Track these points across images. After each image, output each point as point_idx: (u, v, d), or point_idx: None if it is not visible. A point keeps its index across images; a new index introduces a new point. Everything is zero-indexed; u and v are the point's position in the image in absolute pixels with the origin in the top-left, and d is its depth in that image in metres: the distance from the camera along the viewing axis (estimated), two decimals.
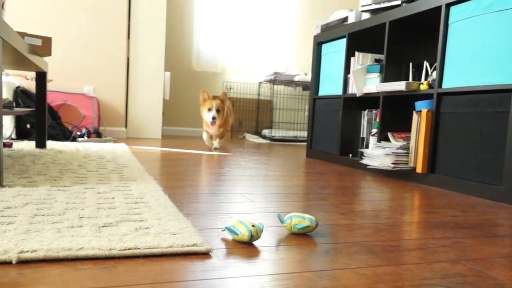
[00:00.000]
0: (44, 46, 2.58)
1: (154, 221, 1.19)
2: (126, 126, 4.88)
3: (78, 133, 3.97)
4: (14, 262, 0.86)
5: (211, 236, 1.14)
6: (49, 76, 3.47)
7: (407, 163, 2.64)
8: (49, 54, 2.69)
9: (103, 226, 1.11)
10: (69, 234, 1.03)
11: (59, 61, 4.46)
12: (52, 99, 4.19)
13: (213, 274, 0.88)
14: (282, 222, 1.24)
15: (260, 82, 6.06)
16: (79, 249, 0.92)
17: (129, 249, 0.95)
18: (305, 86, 5.86)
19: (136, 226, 1.13)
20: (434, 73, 2.50)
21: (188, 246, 1.00)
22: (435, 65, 2.55)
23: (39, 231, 1.03)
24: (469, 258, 1.10)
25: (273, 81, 5.64)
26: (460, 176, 2.29)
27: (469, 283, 0.91)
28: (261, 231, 1.12)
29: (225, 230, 1.15)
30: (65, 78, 4.51)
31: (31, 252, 0.88)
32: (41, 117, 2.98)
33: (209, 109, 3.84)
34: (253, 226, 1.11)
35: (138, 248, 0.96)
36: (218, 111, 3.83)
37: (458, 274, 0.97)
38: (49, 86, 4.23)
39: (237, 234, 1.10)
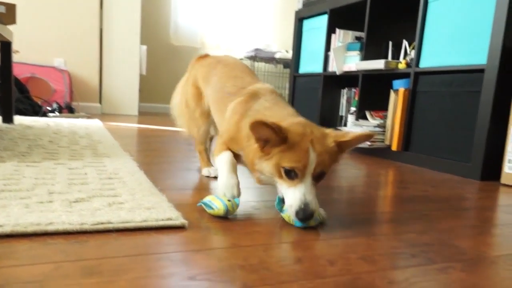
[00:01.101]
0: (8, 14, 2.45)
1: (129, 196, 1.17)
2: (100, 102, 4.76)
3: (49, 108, 3.84)
4: None
5: (186, 210, 1.13)
6: (15, 47, 3.32)
7: (383, 141, 2.67)
8: (13, 22, 2.56)
9: (74, 202, 1.08)
10: (38, 209, 0.99)
11: (26, 31, 4.25)
12: (19, 72, 4.02)
13: (188, 246, 0.87)
14: (281, 211, 1.13)
15: (241, 59, 5.99)
16: (48, 224, 0.89)
17: (101, 223, 0.93)
18: (286, 63, 5.82)
19: (110, 201, 1.11)
20: (413, 52, 2.52)
21: (163, 220, 0.99)
22: (413, 44, 2.56)
23: (5, 206, 1.00)
24: (435, 229, 1.16)
25: (253, 58, 5.57)
26: (433, 154, 2.35)
27: (433, 251, 0.97)
28: (237, 206, 1.12)
29: (200, 204, 1.14)
30: (33, 49, 4.33)
31: None
32: (6, 90, 2.85)
33: None
34: (228, 201, 1.09)
35: (111, 223, 0.94)
36: None
37: (424, 244, 1.02)
38: (16, 58, 4.06)
39: (213, 209, 1.09)
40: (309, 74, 3.59)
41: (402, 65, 2.56)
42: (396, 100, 2.58)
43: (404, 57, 2.69)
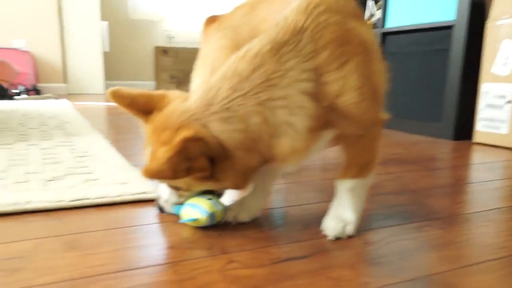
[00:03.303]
0: None
1: (102, 172, 1.20)
2: (66, 82, 4.67)
3: (15, 91, 3.77)
4: None
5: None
6: None
7: None
8: None
9: (50, 180, 1.11)
10: (15, 189, 1.02)
11: None
12: None
13: (165, 218, 0.92)
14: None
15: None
16: (27, 203, 0.93)
17: (78, 199, 0.97)
18: None
19: (84, 178, 1.14)
20: (379, 12, 2.51)
21: (137, 194, 1.03)
22: (379, 3, 2.56)
23: None
24: (409, 190, 1.20)
25: None
26: (404, 116, 2.38)
27: (408, 212, 1.01)
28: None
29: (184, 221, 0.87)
30: None
31: None
32: None
33: None
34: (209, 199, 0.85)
35: (88, 198, 0.98)
36: None
37: (399, 204, 1.06)
38: None
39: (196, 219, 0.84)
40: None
41: None
42: None
43: (370, 18, 2.70)
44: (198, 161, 0.72)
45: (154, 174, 0.69)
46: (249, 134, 0.72)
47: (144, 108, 0.80)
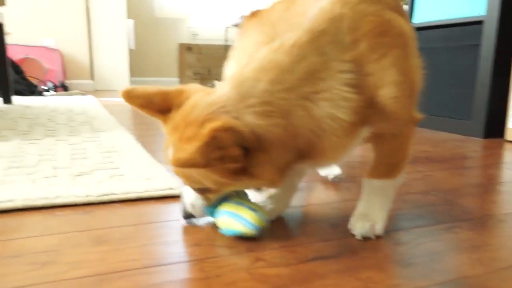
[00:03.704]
0: None
1: (128, 168, 1.21)
2: (93, 79, 4.76)
3: (44, 87, 3.86)
4: None
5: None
6: (6, 29, 3.31)
7: None
8: (2, 3, 2.56)
9: (77, 175, 1.13)
10: (44, 184, 1.04)
11: (15, 13, 4.23)
12: (13, 53, 4.02)
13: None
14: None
15: (227, 27, 5.93)
16: (56, 197, 0.94)
17: (106, 194, 0.98)
18: None
19: (111, 173, 1.15)
20: (406, 7, 2.47)
21: (163, 189, 1.03)
22: None
23: (14, 182, 1.04)
24: (439, 189, 1.16)
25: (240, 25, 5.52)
26: (432, 113, 2.33)
27: (438, 212, 0.98)
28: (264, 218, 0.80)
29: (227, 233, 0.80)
30: (24, 30, 4.31)
31: (8, 201, 0.90)
32: (3, 72, 2.87)
33: None
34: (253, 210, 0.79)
35: (115, 194, 0.99)
36: None
37: (428, 204, 1.03)
38: (9, 40, 4.04)
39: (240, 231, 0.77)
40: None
41: None
42: None
43: None
44: (231, 150, 0.65)
45: (185, 163, 0.62)
46: (291, 128, 0.68)
47: (161, 106, 0.73)
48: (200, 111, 0.68)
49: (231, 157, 0.66)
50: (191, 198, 0.81)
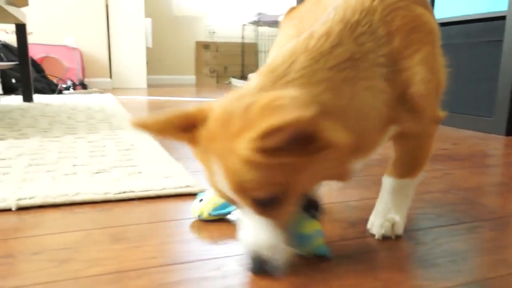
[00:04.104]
0: None
1: (146, 166, 1.22)
2: (111, 77, 4.81)
3: (64, 86, 3.92)
4: (13, 209, 0.89)
5: (203, 177, 1.17)
6: (28, 29, 3.38)
7: None
8: (26, 4, 2.60)
9: (96, 173, 1.14)
10: (64, 181, 1.05)
11: (36, 13, 4.31)
12: (34, 52, 4.09)
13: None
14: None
15: (244, 25, 5.92)
16: (75, 194, 0.95)
17: (124, 192, 0.98)
18: None
19: (129, 171, 1.16)
20: None
21: (181, 187, 1.04)
22: None
23: (34, 179, 1.06)
24: (460, 188, 1.14)
25: (257, 23, 5.50)
26: (453, 110, 2.28)
27: (460, 211, 0.95)
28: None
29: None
30: (45, 30, 4.38)
31: (29, 199, 0.91)
32: (25, 71, 2.93)
33: None
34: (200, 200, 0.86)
35: (133, 191, 0.99)
36: None
37: (449, 203, 1.01)
38: (30, 39, 4.12)
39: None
40: None
41: None
42: None
43: None
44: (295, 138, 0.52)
45: (255, 149, 0.52)
46: (339, 105, 0.61)
47: (183, 126, 0.62)
48: (240, 106, 0.57)
49: (296, 148, 0.54)
50: (262, 237, 0.61)
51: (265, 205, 0.59)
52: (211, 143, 0.58)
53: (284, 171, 0.56)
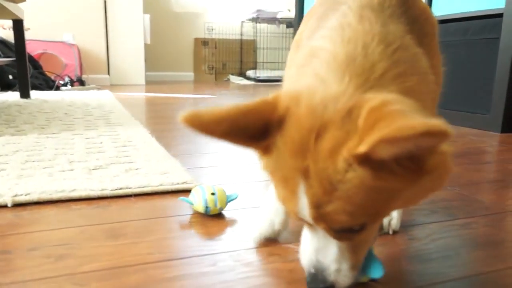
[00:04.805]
0: None
1: (144, 162, 1.22)
2: (109, 73, 4.80)
3: (61, 82, 3.91)
4: (9, 205, 0.89)
5: (200, 174, 1.18)
6: (25, 25, 3.38)
7: None
8: (23, 0, 2.59)
9: (93, 169, 1.14)
10: (60, 177, 1.05)
11: (34, 8, 4.29)
12: (32, 49, 4.07)
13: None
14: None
15: (243, 21, 5.91)
16: (72, 191, 0.95)
17: (120, 188, 0.98)
18: (288, 23, 5.73)
19: (126, 167, 1.16)
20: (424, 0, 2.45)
21: (178, 184, 1.04)
22: None
23: (31, 176, 1.06)
24: (455, 184, 1.14)
25: (255, 20, 5.49)
26: (449, 107, 2.29)
27: (454, 207, 0.96)
28: (225, 203, 0.88)
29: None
30: (43, 26, 4.37)
31: (25, 195, 0.91)
32: (22, 67, 2.91)
33: None
34: (212, 194, 0.86)
35: (130, 188, 0.99)
36: None
37: (444, 199, 1.01)
38: (28, 35, 4.11)
39: (192, 204, 0.88)
40: None
41: None
42: None
43: None
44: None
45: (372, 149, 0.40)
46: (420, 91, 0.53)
47: (252, 131, 0.48)
48: (338, 110, 0.45)
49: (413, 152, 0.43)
50: (332, 260, 0.52)
51: (345, 232, 0.50)
52: (297, 158, 0.46)
53: (383, 197, 0.46)
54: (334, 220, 0.47)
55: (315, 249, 0.53)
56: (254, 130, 0.48)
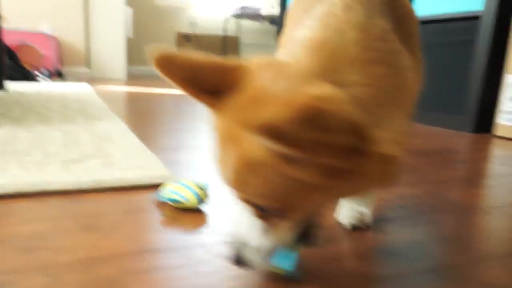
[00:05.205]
0: None
1: (121, 156, 1.22)
2: (89, 66, 4.73)
3: (39, 74, 3.84)
4: None
5: (179, 169, 1.18)
6: (2, 13, 3.30)
7: None
8: None
9: (69, 162, 1.13)
10: (35, 170, 1.04)
11: None
12: (10, 40, 3.99)
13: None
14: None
15: (226, 17, 5.90)
16: (46, 184, 0.94)
17: (96, 182, 0.98)
18: (272, 19, 5.74)
19: (104, 161, 1.15)
20: None
21: (154, 178, 1.04)
22: None
23: (5, 169, 1.04)
24: (426, 182, 1.17)
25: (239, 16, 5.49)
26: (425, 107, 2.34)
27: (424, 203, 0.99)
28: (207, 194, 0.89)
29: (165, 201, 0.90)
30: (21, 16, 4.28)
31: None
32: None
33: None
34: (200, 189, 0.88)
35: (106, 181, 0.99)
36: None
37: (414, 196, 1.04)
38: (4, 25, 4.02)
39: (181, 202, 0.87)
40: None
41: None
42: None
43: None
44: (334, 135, 0.42)
45: (271, 129, 0.39)
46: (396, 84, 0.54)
47: (211, 85, 0.49)
48: (280, 85, 0.46)
49: (333, 147, 0.42)
50: (255, 238, 0.55)
51: (264, 211, 0.52)
52: (235, 125, 0.47)
53: (302, 189, 0.47)
54: (249, 194, 0.49)
55: (242, 226, 0.55)
56: (210, 85, 0.49)
